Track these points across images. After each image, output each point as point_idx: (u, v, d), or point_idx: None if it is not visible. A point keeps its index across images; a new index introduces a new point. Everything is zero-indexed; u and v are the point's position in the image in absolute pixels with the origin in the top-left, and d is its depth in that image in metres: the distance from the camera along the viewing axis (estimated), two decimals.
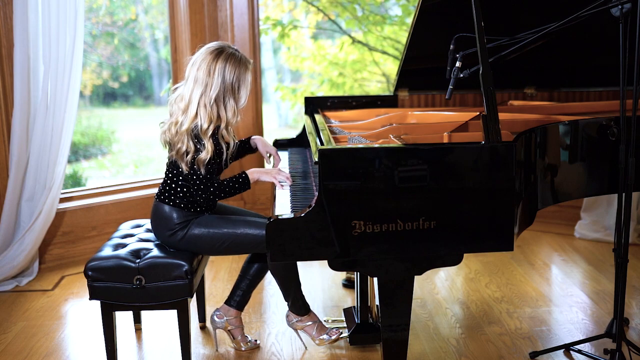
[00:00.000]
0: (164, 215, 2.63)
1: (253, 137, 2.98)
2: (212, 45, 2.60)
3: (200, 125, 2.52)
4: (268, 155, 2.95)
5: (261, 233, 2.54)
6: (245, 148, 2.97)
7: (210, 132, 2.52)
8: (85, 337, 3.07)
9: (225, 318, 2.85)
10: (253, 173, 2.65)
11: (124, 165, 7.01)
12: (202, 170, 2.52)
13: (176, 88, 2.66)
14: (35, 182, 3.73)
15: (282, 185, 2.67)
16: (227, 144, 2.58)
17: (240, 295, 2.85)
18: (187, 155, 2.53)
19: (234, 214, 2.82)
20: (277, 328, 3.10)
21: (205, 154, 2.51)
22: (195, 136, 2.52)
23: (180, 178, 2.61)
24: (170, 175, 2.64)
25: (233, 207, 2.90)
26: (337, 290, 3.58)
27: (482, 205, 2.22)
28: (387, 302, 2.29)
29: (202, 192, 2.55)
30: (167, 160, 2.68)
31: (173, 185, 2.63)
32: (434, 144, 2.32)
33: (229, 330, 2.88)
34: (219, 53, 2.56)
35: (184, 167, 2.55)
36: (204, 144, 2.51)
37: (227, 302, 2.87)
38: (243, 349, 2.88)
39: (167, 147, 2.64)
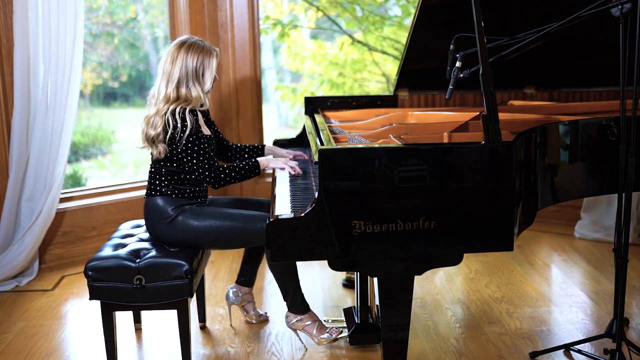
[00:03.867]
0: (157, 207, 2.68)
1: (267, 147, 3.13)
2: (178, 39, 2.74)
3: (168, 109, 2.63)
4: (291, 157, 3.09)
5: (259, 227, 2.59)
6: (254, 152, 3.09)
7: (171, 110, 2.62)
8: (85, 337, 3.07)
9: (240, 295, 3.09)
10: (263, 160, 2.81)
11: (124, 165, 7.00)
12: (176, 147, 2.61)
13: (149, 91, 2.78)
14: (35, 182, 3.73)
15: (294, 170, 2.84)
16: (185, 123, 2.61)
17: (250, 275, 3.08)
18: (157, 139, 2.64)
19: (237, 201, 2.93)
20: (277, 328, 3.10)
21: (172, 130, 2.61)
22: (166, 121, 2.62)
23: (164, 171, 2.69)
24: (154, 169, 2.72)
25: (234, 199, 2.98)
26: (337, 290, 3.58)
27: (482, 205, 2.22)
28: (387, 302, 2.29)
29: (212, 180, 2.68)
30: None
31: (158, 176, 2.70)
32: (434, 144, 2.32)
33: (242, 306, 3.12)
34: (182, 44, 2.70)
35: (161, 151, 2.64)
36: (169, 123, 2.61)
37: (239, 282, 3.09)
38: (254, 322, 3.14)
39: (147, 143, 2.71)
